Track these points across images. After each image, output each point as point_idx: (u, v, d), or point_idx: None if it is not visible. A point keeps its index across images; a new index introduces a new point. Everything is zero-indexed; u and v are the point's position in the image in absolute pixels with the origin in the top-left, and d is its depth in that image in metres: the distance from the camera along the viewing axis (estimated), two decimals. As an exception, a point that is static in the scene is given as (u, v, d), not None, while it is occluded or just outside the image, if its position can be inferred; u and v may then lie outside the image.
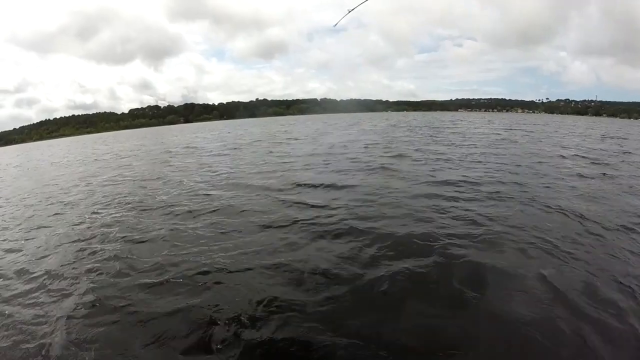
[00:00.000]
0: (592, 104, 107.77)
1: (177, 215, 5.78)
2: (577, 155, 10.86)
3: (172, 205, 6.40)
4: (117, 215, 6.19)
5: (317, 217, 5.11)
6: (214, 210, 5.83)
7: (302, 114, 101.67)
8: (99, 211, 6.61)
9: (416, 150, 12.23)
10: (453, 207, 5.34)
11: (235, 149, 16.44)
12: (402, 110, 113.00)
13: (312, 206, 5.66)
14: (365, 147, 13.52)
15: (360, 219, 4.92)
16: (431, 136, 18.48)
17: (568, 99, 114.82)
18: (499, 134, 19.45)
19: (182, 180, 8.97)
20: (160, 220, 5.62)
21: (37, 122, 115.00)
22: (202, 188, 7.75)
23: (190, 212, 5.87)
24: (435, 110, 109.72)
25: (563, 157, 10.46)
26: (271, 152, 13.87)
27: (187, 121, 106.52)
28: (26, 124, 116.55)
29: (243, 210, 5.70)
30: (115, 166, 13.73)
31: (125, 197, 7.66)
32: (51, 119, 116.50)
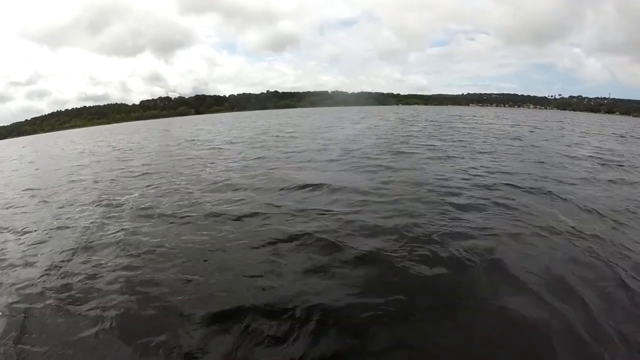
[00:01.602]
0: (605, 101, 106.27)
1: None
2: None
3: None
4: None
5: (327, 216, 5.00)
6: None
7: (313, 106, 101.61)
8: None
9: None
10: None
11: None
12: (413, 104, 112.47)
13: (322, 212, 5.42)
14: (374, 143, 13.04)
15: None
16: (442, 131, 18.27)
17: (581, 96, 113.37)
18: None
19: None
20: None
21: (48, 114, 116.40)
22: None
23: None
24: (447, 104, 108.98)
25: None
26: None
27: (197, 112, 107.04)
28: (37, 115, 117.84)
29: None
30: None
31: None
32: (62, 110, 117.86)
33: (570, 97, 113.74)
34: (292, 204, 5.52)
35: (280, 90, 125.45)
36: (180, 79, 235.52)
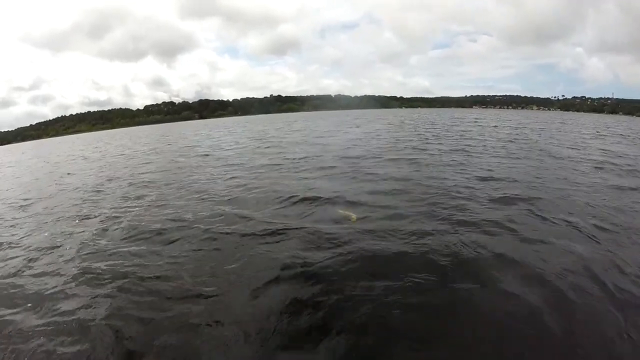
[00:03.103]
0: (609, 101, 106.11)
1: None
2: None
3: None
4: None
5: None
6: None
7: (316, 110, 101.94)
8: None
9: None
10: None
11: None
12: (417, 107, 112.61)
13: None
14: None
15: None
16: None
17: (584, 97, 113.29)
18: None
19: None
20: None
21: (52, 119, 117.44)
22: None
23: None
24: (450, 107, 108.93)
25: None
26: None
27: (201, 117, 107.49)
28: (42, 120, 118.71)
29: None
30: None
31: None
32: (66, 115, 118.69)
33: (574, 97, 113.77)
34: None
35: (283, 94, 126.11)
36: (183, 83, 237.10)
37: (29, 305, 3.55)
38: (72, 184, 10.21)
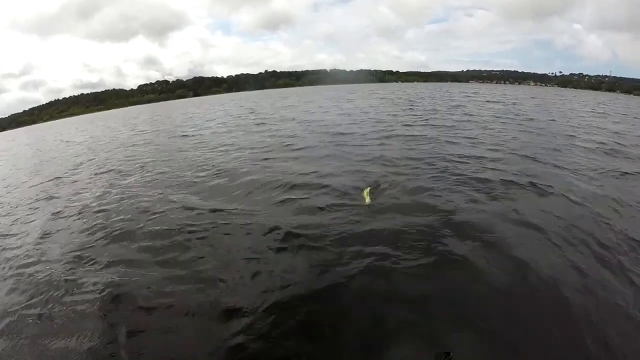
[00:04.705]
0: (606, 79, 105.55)
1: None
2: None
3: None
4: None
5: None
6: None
7: (312, 85, 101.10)
8: None
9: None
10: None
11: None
12: (412, 81, 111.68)
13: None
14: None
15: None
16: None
17: (582, 74, 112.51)
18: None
19: None
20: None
21: (46, 103, 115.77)
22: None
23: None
24: (447, 81, 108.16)
25: None
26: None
27: (196, 95, 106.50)
28: (35, 105, 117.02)
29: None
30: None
31: None
32: (60, 99, 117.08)
33: (571, 74, 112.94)
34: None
35: (277, 70, 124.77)
36: (175, 61, 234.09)
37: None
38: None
